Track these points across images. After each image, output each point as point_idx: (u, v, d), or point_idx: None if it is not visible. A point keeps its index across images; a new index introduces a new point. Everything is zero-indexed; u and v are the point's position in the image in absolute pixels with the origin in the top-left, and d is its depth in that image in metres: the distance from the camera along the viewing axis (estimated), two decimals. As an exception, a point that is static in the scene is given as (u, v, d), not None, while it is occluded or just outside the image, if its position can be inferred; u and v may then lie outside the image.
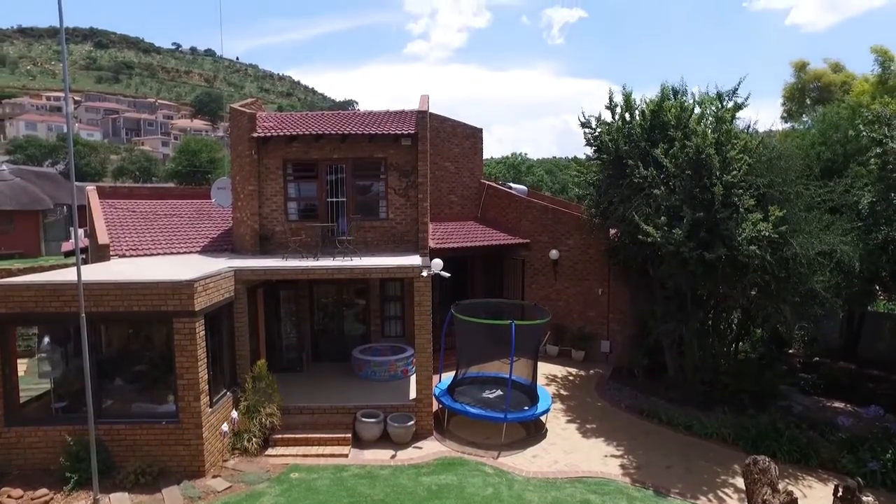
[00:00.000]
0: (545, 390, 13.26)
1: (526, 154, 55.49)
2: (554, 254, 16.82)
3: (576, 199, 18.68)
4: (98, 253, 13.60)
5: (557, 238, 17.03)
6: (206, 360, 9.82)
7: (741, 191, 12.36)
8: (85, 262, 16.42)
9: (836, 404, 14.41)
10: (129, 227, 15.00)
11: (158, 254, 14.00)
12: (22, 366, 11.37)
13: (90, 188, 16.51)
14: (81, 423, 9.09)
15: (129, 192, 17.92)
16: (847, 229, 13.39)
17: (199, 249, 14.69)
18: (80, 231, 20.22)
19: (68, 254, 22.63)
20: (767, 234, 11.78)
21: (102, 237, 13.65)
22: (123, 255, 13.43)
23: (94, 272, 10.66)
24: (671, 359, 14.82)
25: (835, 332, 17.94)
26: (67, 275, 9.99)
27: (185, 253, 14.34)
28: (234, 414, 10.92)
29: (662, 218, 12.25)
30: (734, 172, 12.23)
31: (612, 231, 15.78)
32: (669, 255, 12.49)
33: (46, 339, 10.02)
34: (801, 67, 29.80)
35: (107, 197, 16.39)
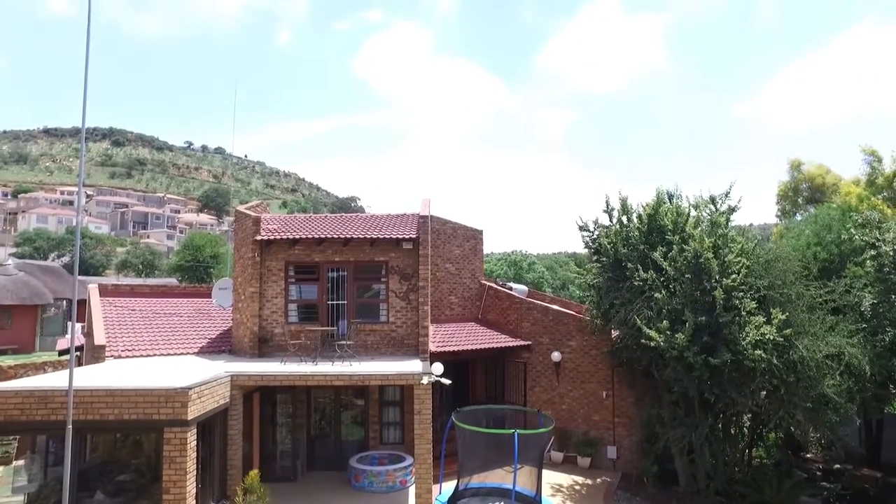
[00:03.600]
0: (551, 503, 12.54)
1: (526, 251, 56.28)
2: (556, 356, 16.56)
3: (577, 300, 18.68)
4: (93, 353, 13.40)
5: (559, 340, 16.84)
6: (195, 472, 9.37)
7: (742, 294, 12.39)
8: (79, 361, 16.16)
9: (865, 519, 13.59)
10: (127, 327, 14.89)
11: (155, 355, 13.80)
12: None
13: (92, 286, 16.57)
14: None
15: (130, 290, 17.97)
16: (852, 331, 13.29)
17: (196, 350, 14.49)
18: (78, 326, 20.11)
19: (63, 352, 22.32)
20: (772, 337, 11.67)
21: (99, 337, 13.51)
22: (119, 356, 13.23)
23: (86, 376, 10.44)
24: (682, 466, 14.15)
25: (854, 436, 17.27)
26: (57, 380, 9.77)
27: (182, 354, 14.14)
28: (221, 532, 10.27)
29: (664, 322, 12.18)
30: (733, 276, 12.32)
31: (615, 333, 15.63)
32: (674, 359, 12.30)
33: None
34: (796, 166, 30.87)
35: (108, 295, 16.41)
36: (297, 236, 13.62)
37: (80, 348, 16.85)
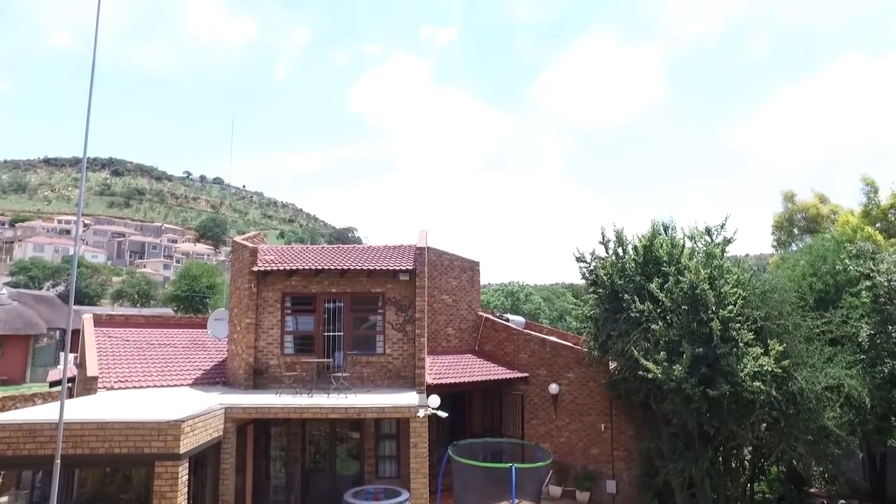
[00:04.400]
0: (550, 540, 12.26)
1: (523, 282, 56.36)
2: (553, 388, 16.41)
3: (574, 331, 18.63)
4: (85, 384, 13.23)
5: (557, 372, 16.72)
6: (186, 508, 9.16)
7: (739, 325, 12.38)
8: (71, 393, 15.94)
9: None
10: (121, 357, 14.74)
11: (149, 386, 13.63)
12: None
13: (86, 316, 16.46)
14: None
15: (125, 320, 17.83)
16: (851, 362, 13.25)
17: (191, 382, 14.32)
18: (70, 357, 19.86)
19: (54, 383, 22.01)
20: (770, 368, 11.63)
21: (92, 368, 13.36)
22: (112, 388, 13.06)
23: (77, 408, 10.28)
24: (682, 501, 13.89)
25: (857, 470, 17.02)
26: (46, 412, 9.62)
27: (176, 385, 13.96)
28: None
29: (662, 353, 12.14)
30: (730, 307, 12.33)
31: (613, 364, 15.54)
32: (672, 391, 12.21)
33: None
34: (790, 197, 31.18)
35: (102, 325, 16.29)
36: (294, 267, 13.62)
37: (72, 379, 16.63)
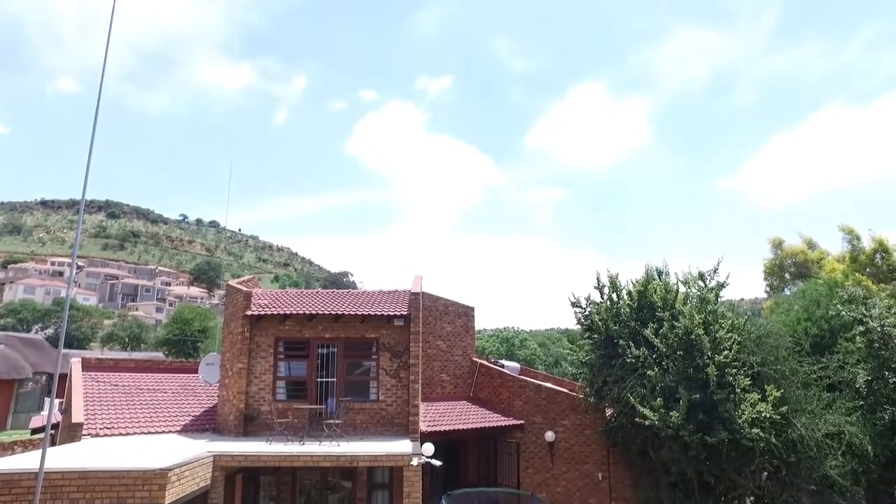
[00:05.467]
0: None
1: (519, 327, 56.09)
2: (549, 436, 16.11)
3: (570, 377, 18.46)
4: (69, 431, 12.90)
5: (552, 419, 16.45)
6: (168, 563, 8.79)
7: (735, 370, 12.31)
8: (53, 440, 15.51)
9: None
10: (108, 403, 14.44)
11: (135, 433, 13.31)
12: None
13: (74, 360, 16.19)
14: None
15: (114, 364, 17.54)
16: (850, 408, 13.13)
17: (179, 429, 13.99)
18: (56, 402, 19.38)
19: (36, 430, 21.44)
20: (768, 415, 11.51)
21: (77, 415, 13.05)
22: (97, 435, 12.74)
23: (58, 457, 9.98)
24: (685, 556, 13.46)
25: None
26: (25, 461, 9.32)
27: (164, 432, 13.64)
28: None
29: (658, 399, 12.02)
30: (725, 352, 12.30)
31: (609, 411, 15.34)
32: (669, 439, 12.03)
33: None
34: (778, 244, 31.54)
35: (91, 369, 16.01)
36: (288, 312, 13.54)
37: (55, 426, 16.22)
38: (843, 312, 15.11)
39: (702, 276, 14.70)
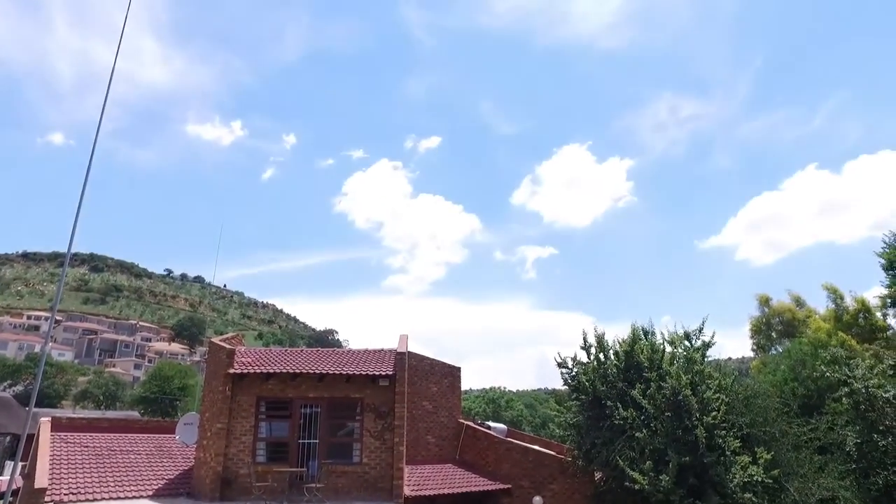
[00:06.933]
0: None
1: (505, 388, 55.37)
2: (537, 501, 15.62)
3: (557, 439, 18.11)
4: (31, 498, 12.25)
5: (540, 482, 16.01)
6: None
7: (724, 431, 12.19)
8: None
9: None
10: (76, 466, 13.83)
11: (103, 498, 12.68)
12: None
13: (44, 419, 15.60)
14: None
15: (87, 423, 16.92)
16: (843, 472, 12.95)
17: (151, 493, 13.37)
18: (19, 466, 18.41)
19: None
20: (760, 479, 11.32)
21: (41, 479, 12.42)
22: (61, 501, 12.11)
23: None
24: None
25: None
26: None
27: (134, 498, 13.01)
28: None
29: (648, 462, 11.80)
30: (714, 413, 12.20)
31: (598, 475, 14.98)
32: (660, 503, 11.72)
33: None
34: (765, 301, 31.89)
35: (62, 429, 15.40)
36: (272, 370, 13.29)
37: (16, 493, 15.43)
38: (828, 374, 15.17)
39: (687, 336, 14.75)
